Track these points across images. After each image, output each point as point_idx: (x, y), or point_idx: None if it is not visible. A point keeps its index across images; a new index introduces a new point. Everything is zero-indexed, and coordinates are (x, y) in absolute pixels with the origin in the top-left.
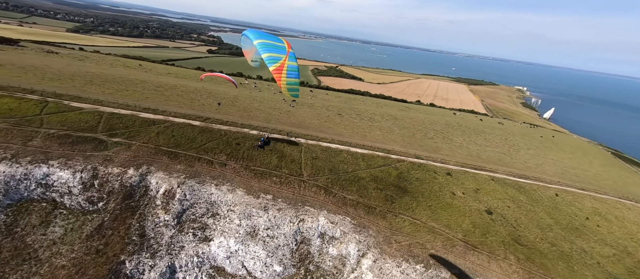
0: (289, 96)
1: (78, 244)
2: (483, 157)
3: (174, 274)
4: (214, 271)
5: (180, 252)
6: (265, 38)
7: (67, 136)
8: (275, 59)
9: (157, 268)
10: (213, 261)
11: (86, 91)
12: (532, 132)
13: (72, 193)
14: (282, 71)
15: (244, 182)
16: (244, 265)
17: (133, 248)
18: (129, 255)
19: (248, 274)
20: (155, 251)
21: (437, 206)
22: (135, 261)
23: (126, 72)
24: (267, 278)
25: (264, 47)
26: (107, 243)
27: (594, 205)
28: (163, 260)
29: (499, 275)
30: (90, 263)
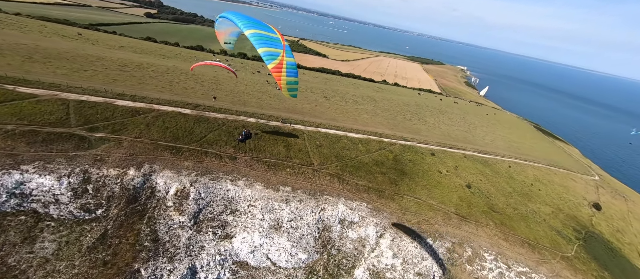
0: (287, 96)
1: (79, 259)
2: (453, 136)
3: (195, 275)
4: (236, 267)
5: (201, 252)
6: (258, 28)
7: (33, 133)
8: (273, 55)
9: (177, 271)
10: (235, 257)
11: (30, 72)
12: (480, 111)
13: (60, 202)
14: (282, 69)
15: (260, 175)
16: (268, 257)
17: (147, 254)
18: (144, 262)
19: (272, 265)
20: (173, 254)
21: (430, 185)
22: (152, 267)
23: (70, 44)
24: (292, 266)
25: (260, 40)
26: (115, 252)
27: (534, 173)
28: (182, 263)
29: (485, 239)
30: (99, 276)
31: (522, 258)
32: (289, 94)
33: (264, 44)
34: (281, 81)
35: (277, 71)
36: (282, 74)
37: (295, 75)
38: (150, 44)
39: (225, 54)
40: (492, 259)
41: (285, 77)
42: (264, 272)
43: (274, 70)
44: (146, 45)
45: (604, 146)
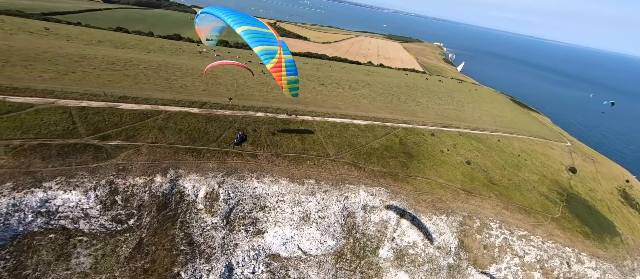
0: (289, 96)
1: (118, 270)
2: (446, 115)
3: (231, 272)
4: (269, 259)
5: (236, 250)
6: (249, 24)
7: (44, 147)
8: (270, 53)
9: (215, 270)
10: (268, 250)
11: (14, 78)
12: (462, 88)
13: (90, 216)
14: (281, 68)
15: (283, 170)
16: (299, 247)
17: (184, 257)
18: (182, 266)
19: (303, 254)
20: (210, 254)
21: (436, 165)
22: (191, 269)
23: (43, 42)
24: (321, 253)
25: (253, 37)
26: (154, 259)
27: (519, 145)
28: (219, 262)
29: (489, 210)
30: None
31: (521, 223)
32: (290, 94)
33: (259, 42)
34: (282, 81)
35: (277, 70)
36: (282, 73)
37: (295, 73)
38: (126, 36)
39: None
40: (497, 227)
41: (286, 76)
42: (296, 261)
43: (274, 70)
44: (123, 37)
45: (569, 113)
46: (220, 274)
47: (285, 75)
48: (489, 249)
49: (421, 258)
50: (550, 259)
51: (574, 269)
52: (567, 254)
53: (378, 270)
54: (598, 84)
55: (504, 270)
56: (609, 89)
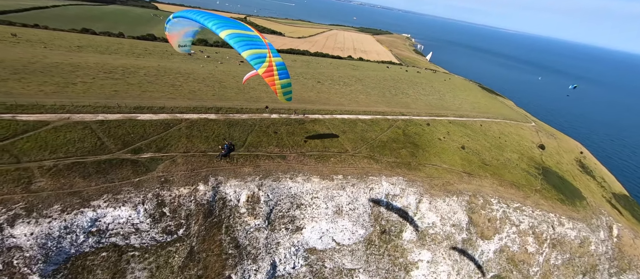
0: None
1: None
2: (433, 105)
3: (275, 269)
4: (307, 253)
5: (278, 248)
6: (233, 27)
7: (79, 165)
8: (260, 57)
9: (262, 270)
10: (306, 245)
11: (12, 93)
12: (438, 78)
13: (141, 230)
14: (273, 72)
15: (313, 169)
16: (333, 239)
17: (233, 260)
18: (232, 268)
19: (337, 245)
20: (256, 255)
21: (438, 152)
22: (240, 271)
23: (23, 50)
24: (353, 242)
25: (241, 42)
26: (205, 266)
27: (497, 128)
28: (265, 261)
29: (488, 188)
30: None
31: (514, 197)
32: (284, 99)
33: (247, 46)
34: (275, 86)
35: (269, 74)
36: (274, 77)
37: (288, 76)
38: (101, 39)
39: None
40: (496, 202)
41: (278, 80)
42: (331, 252)
43: (266, 74)
44: (98, 40)
45: (527, 95)
46: (266, 273)
47: (278, 79)
48: (492, 222)
49: (440, 236)
50: (539, 225)
51: (557, 231)
52: (551, 219)
53: (403, 251)
54: (545, 67)
55: (504, 238)
56: (555, 72)
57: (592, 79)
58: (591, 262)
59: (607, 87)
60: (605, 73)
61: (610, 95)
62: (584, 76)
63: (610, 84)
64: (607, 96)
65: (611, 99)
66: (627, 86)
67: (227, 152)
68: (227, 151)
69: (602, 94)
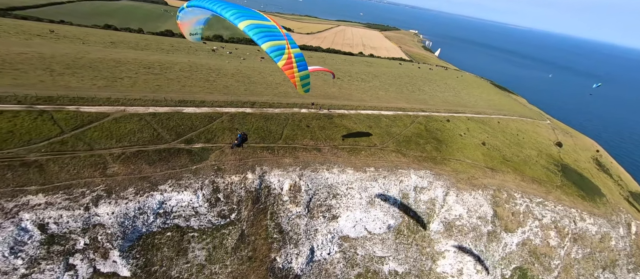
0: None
1: (228, 259)
2: (450, 102)
3: (313, 254)
4: (341, 241)
5: (316, 235)
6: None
7: (143, 153)
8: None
9: (302, 254)
10: (340, 233)
11: (71, 87)
12: (450, 75)
13: (200, 213)
14: (292, 64)
15: (347, 161)
16: (365, 228)
17: (278, 244)
18: (277, 252)
19: (369, 234)
20: (297, 241)
21: (460, 147)
22: (284, 255)
23: (67, 47)
24: (383, 232)
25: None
26: (254, 248)
27: (515, 125)
28: (304, 246)
29: (511, 183)
30: (248, 270)
31: (536, 192)
32: (303, 91)
33: (266, 38)
34: (294, 79)
35: (288, 67)
36: (293, 69)
37: (306, 67)
38: (128, 35)
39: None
40: (520, 196)
41: (297, 72)
42: (362, 240)
43: (285, 67)
44: (127, 37)
45: (536, 92)
46: (306, 257)
47: (297, 71)
48: (515, 216)
49: (466, 227)
50: (561, 220)
51: (579, 226)
52: (572, 215)
53: (430, 241)
54: (555, 64)
55: (527, 232)
56: (564, 69)
57: (603, 78)
58: (611, 257)
59: (619, 85)
60: (616, 71)
61: (622, 93)
62: (594, 73)
63: (623, 82)
64: (619, 94)
65: (623, 96)
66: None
67: (240, 143)
68: (240, 141)
69: (615, 92)
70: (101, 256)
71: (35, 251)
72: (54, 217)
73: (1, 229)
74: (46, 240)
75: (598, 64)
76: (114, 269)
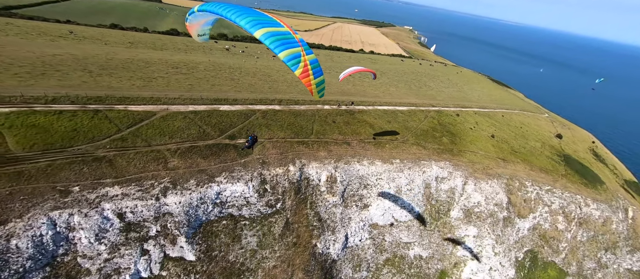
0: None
1: (276, 245)
2: (455, 97)
3: (347, 241)
4: (371, 228)
5: (350, 222)
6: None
7: (195, 148)
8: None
9: (338, 241)
10: (370, 220)
11: (114, 87)
12: (450, 71)
13: (250, 203)
14: (309, 71)
15: (374, 154)
16: (392, 216)
17: (318, 231)
18: (317, 238)
19: (395, 221)
20: (334, 228)
21: (472, 140)
22: (323, 241)
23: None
24: (409, 219)
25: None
26: (298, 234)
27: (518, 118)
28: (340, 233)
29: (522, 172)
30: (293, 255)
31: (544, 180)
32: (318, 96)
33: (282, 47)
34: (311, 86)
35: (305, 75)
36: (310, 77)
37: (321, 73)
38: (143, 35)
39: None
40: (530, 184)
41: (313, 79)
42: (389, 228)
43: (302, 75)
44: (142, 37)
45: (531, 87)
46: (341, 244)
47: (313, 78)
48: (527, 203)
49: (484, 214)
50: (568, 206)
51: (584, 211)
52: (578, 201)
53: (451, 228)
54: (547, 59)
55: (538, 217)
56: (557, 64)
57: (597, 72)
58: (612, 239)
59: (617, 81)
60: (613, 67)
61: (618, 89)
62: (588, 69)
63: (619, 78)
64: (615, 90)
65: (618, 92)
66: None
67: (251, 144)
68: (251, 143)
69: (611, 88)
70: (170, 242)
71: (115, 237)
72: (130, 206)
73: (88, 218)
74: (124, 227)
75: (593, 60)
76: (181, 254)
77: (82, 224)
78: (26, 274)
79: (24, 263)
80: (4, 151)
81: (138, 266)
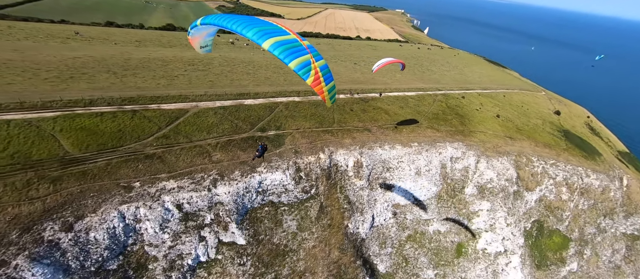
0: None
1: (314, 227)
2: (457, 79)
3: (374, 220)
4: (394, 208)
5: (376, 204)
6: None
7: (232, 141)
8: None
9: (366, 221)
10: (393, 201)
11: (141, 87)
12: (448, 53)
13: (288, 190)
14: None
15: (394, 139)
16: (413, 195)
17: (348, 214)
18: (348, 219)
19: (415, 200)
20: (362, 210)
21: (479, 120)
22: (353, 222)
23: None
24: (427, 198)
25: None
26: (332, 217)
27: (518, 97)
28: (367, 214)
29: (528, 149)
30: (329, 236)
31: (548, 155)
32: (330, 103)
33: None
34: (323, 93)
35: (317, 83)
36: (322, 84)
37: (332, 79)
38: (148, 32)
39: None
40: (536, 160)
41: (325, 86)
42: (410, 206)
43: (314, 84)
44: (146, 35)
45: (523, 65)
46: (369, 224)
47: (325, 85)
48: (534, 176)
49: (496, 189)
50: (571, 177)
51: (585, 181)
52: (579, 172)
53: (466, 203)
54: (536, 37)
55: (544, 189)
56: (546, 41)
57: (594, 51)
58: (610, 206)
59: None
60: (602, 42)
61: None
62: (582, 46)
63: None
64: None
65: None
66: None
67: (262, 153)
68: (261, 152)
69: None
70: (223, 229)
71: (176, 226)
72: (186, 198)
73: (152, 210)
74: (183, 217)
75: (578, 36)
76: (232, 239)
77: (148, 215)
78: (104, 263)
79: (102, 253)
80: (64, 153)
81: (197, 251)
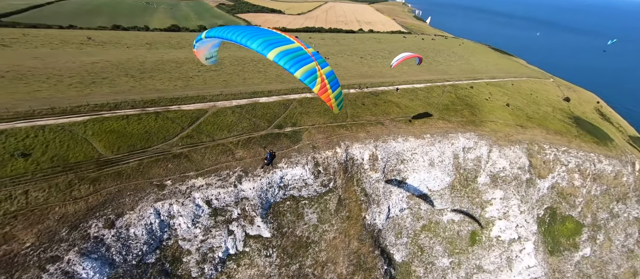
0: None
1: (334, 219)
2: (464, 70)
3: (390, 211)
4: (408, 199)
5: (391, 195)
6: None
7: (252, 139)
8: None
9: (382, 212)
10: (407, 191)
11: (160, 89)
12: (453, 43)
13: (308, 184)
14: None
15: (407, 131)
16: (426, 186)
17: (366, 205)
18: (365, 211)
19: (428, 190)
20: (378, 201)
21: (489, 110)
22: (370, 213)
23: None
24: (441, 188)
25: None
26: (350, 209)
27: (526, 85)
28: (383, 205)
29: (539, 136)
30: (348, 227)
31: (560, 142)
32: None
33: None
34: (330, 101)
35: (324, 91)
36: (328, 92)
37: (339, 85)
38: (153, 35)
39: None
40: (548, 147)
41: (332, 93)
42: (424, 196)
43: (321, 92)
44: (155, 37)
45: (529, 51)
46: (385, 215)
47: (331, 92)
48: (546, 164)
49: (509, 177)
50: (583, 164)
51: (597, 167)
52: (592, 158)
53: (479, 192)
54: (542, 22)
55: (556, 176)
56: (552, 25)
57: (593, 32)
58: (623, 191)
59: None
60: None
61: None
62: (593, 31)
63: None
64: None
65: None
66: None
67: (270, 161)
68: (270, 159)
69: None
70: (249, 223)
71: (207, 221)
72: (215, 194)
73: (184, 206)
74: (212, 212)
75: (592, 21)
76: (258, 232)
77: (181, 212)
78: (144, 256)
79: (141, 248)
80: (98, 155)
81: (227, 244)
